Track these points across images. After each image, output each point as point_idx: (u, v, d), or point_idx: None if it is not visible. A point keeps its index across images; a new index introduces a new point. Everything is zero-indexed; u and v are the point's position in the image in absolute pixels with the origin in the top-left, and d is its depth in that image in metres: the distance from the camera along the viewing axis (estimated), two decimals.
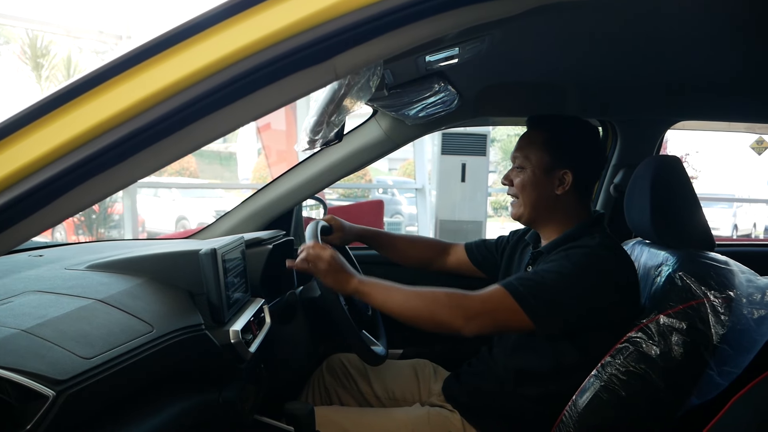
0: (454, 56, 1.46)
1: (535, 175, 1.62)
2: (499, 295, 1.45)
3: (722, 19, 1.35)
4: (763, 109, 2.28)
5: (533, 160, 1.62)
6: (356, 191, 13.34)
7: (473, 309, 1.44)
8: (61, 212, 0.72)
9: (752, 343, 1.40)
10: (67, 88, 0.70)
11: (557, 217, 1.64)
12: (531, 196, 1.63)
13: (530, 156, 1.63)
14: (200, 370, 1.30)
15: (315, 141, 1.12)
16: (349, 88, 0.94)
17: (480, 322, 1.44)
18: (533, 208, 1.64)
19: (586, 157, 1.64)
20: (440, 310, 1.45)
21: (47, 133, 0.70)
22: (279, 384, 1.78)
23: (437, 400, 1.73)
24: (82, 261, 1.40)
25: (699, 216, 1.61)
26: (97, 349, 0.96)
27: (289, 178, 2.16)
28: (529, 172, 1.62)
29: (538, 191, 1.62)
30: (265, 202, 2.16)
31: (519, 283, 1.46)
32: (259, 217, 2.16)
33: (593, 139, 1.69)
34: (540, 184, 1.62)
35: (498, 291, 1.45)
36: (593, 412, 1.43)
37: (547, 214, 1.64)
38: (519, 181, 1.64)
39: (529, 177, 1.62)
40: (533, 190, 1.62)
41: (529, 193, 1.63)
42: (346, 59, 0.73)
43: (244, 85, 0.70)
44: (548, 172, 1.61)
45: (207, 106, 0.70)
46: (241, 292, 1.52)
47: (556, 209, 1.63)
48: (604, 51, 1.62)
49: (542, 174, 1.61)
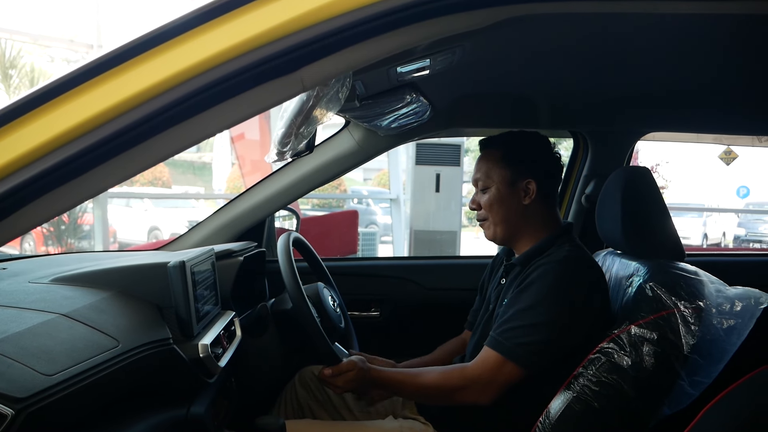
0: (425, 67, 1.46)
1: (500, 191, 1.64)
2: (492, 359, 1.49)
3: (691, 33, 1.36)
4: (729, 121, 2.33)
5: (495, 178, 1.64)
6: (331, 201, 13.29)
7: (478, 381, 1.50)
8: (27, 221, 0.70)
9: (722, 352, 1.41)
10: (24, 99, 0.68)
11: (529, 228, 1.65)
12: (500, 212, 1.65)
13: (491, 175, 1.65)
14: (168, 386, 1.27)
15: (284, 153, 1.11)
16: (317, 100, 0.93)
17: (491, 390, 1.49)
18: (505, 224, 1.65)
19: (544, 163, 1.67)
20: (456, 395, 1.52)
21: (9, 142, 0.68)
22: (250, 398, 1.76)
23: (410, 412, 1.72)
24: (47, 274, 1.37)
25: (669, 227, 1.63)
26: (59, 365, 0.94)
27: (261, 188, 2.14)
28: (494, 190, 1.64)
29: (506, 206, 1.64)
30: (237, 212, 2.14)
31: (502, 336, 1.49)
32: (230, 228, 2.13)
33: (546, 146, 1.71)
34: (506, 198, 1.64)
35: (488, 354, 1.50)
36: (566, 423, 1.43)
37: (519, 227, 1.66)
38: (486, 201, 1.66)
39: (495, 195, 1.64)
40: (501, 206, 1.64)
41: (497, 210, 1.65)
42: (314, 71, 0.72)
43: (209, 96, 0.69)
44: (512, 185, 1.63)
45: (170, 118, 0.68)
46: (211, 305, 1.50)
47: (527, 220, 1.65)
48: (574, 63, 1.63)
49: (507, 188, 1.63)
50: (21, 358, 0.90)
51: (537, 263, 1.56)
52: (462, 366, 1.55)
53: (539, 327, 1.47)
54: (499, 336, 1.50)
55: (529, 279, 1.53)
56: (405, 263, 2.78)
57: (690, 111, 2.13)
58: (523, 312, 1.49)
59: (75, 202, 0.70)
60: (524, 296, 1.51)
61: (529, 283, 1.52)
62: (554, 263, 1.52)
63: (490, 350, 1.50)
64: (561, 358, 1.47)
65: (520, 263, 1.63)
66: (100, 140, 0.66)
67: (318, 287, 1.84)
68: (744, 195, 16.69)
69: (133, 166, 0.69)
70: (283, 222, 2.52)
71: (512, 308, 1.52)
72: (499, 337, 1.50)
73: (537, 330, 1.47)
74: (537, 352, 1.46)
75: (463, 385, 1.51)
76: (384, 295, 2.35)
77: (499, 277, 1.76)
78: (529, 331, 1.47)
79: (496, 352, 1.48)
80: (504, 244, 1.73)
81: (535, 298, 1.49)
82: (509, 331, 1.49)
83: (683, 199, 15.90)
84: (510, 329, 1.49)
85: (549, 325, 1.47)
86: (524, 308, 1.49)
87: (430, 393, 1.55)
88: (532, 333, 1.47)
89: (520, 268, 1.62)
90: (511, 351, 1.47)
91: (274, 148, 1.12)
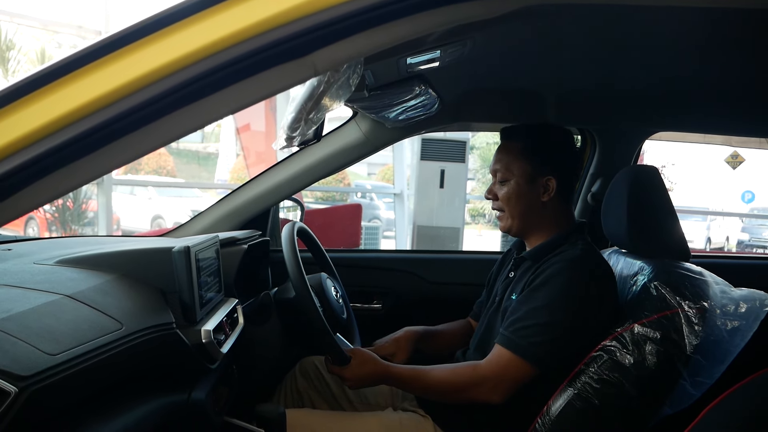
0: (435, 59, 1.45)
1: (519, 186, 1.62)
2: (505, 357, 1.49)
3: (704, 33, 1.36)
4: (741, 123, 2.31)
5: (516, 172, 1.62)
6: (334, 195, 13.31)
7: (490, 379, 1.49)
8: (30, 201, 0.69)
9: (725, 354, 1.41)
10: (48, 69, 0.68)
11: (544, 223, 1.65)
12: (517, 207, 1.63)
13: (511, 167, 1.63)
14: (170, 370, 1.27)
15: (293, 138, 1.10)
16: (328, 86, 0.92)
17: (502, 387, 1.49)
18: (521, 218, 1.64)
19: (566, 161, 1.66)
20: (466, 393, 1.52)
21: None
22: (250, 386, 1.76)
23: (410, 405, 1.71)
24: (52, 256, 1.37)
25: (675, 227, 1.63)
26: (63, 345, 0.94)
27: (266, 178, 2.14)
28: (513, 184, 1.63)
29: (525, 201, 1.63)
30: (241, 201, 2.13)
31: (515, 335, 1.48)
32: (234, 216, 2.13)
33: (570, 142, 1.71)
34: (525, 194, 1.63)
35: (501, 353, 1.50)
36: (566, 420, 1.43)
37: (534, 222, 1.65)
38: (504, 194, 1.65)
39: (514, 189, 1.63)
40: (519, 202, 1.63)
41: (515, 205, 1.63)
42: (326, 55, 0.71)
43: (221, 78, 0.68)
44: (532, 181, 1.62)
45: (181, 98, 0.68)
46: (214, 292, 1.50)
47: (542, 216, 1.65)
48: (586, 59, 1.62)
49: (526, 184, 1.62)
50: (25, 336, 0.90)
51: (550, 260, 1.56)
52: (474, 364, 1.55)
53: (554, 326, 1.46)
54: (512, 334, 1.49)
55: (542, 277, 1.52)
56: (408, 256, 2.77)
57: (700, 111, 2.12)
58: (537, 311, 1.48)
59: (89, 178, 0.69)
60: (538, 295, 1.51)
61: (543, 281, 1.51)
62: (568, 262, 1.52)
63: (503, 348, 1.49)
64: (571, 357, 1.47)
65: (531, 257, 1.63)
66: (110, 119, 0.66)
67: (321, 278, 1.84)
68: (749, 200, 16.66)
69: (143, 145, 0.68)
70: (287, 213, 2.52)
71: (525, 306, 1.51)
72: (512, 336, 1.49)
73: (551, 329, 1.46)
74: (551, 351, 1.46)
75: (475, 383, 1.50)
76: (387, 287, 2.34)
77: (508, 270, 1.76)
78: (543, 330, 1.46)
79: (509, 350, 1.48)
80: (517, 236, 1.72)
81: (550, 297, 1.48)
82: (522, 330, 1.48)
83: (688, 202, 15.90)
84: (523, 327, 1.48)
85: (563, 324, 1.47)
86: (538, 307, 1.49)
87: (440, 390, 1.55)
88: (546, 332, 1.46)
89: (531, 263, 1.62)
90: (525, 350, 1.46)
91: (283, 133, 1.12)
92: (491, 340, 1.57)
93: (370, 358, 1.58)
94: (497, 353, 1.51)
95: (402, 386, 1.60)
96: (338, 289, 1.93)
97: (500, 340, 1.52)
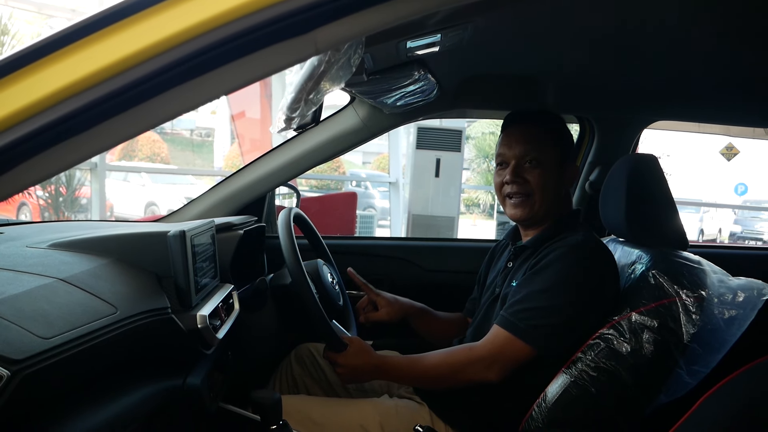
0: (435, 43, 1.43)
1: (553, 170, 1.61)
2: (502, 337, 1.48)
3: (705, 23, 1.35)
4: (739, 113, 2.31)
5: (550, 155, 1.61)
6: (329, 183, 13.28)
7: (486, 358, 1.48)
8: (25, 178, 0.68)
9: (722, 343, 1.41)
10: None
11: (555, 210, 1.65)
12: (550, 193, 1.61)
13: (545, 150, 1.60)
14: (165, 355, 1.26)
15: (292, 119, 1.09)
16: (329, 66, 0.90)
17: (498, 366, 1.48)
18: (549, 205, 1.62)
19: (575, 150, 1.66)
20: (463, 373, 1.50)
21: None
22: (246, 372, 1.75)
23: (406, 392, 1.71)
24: (45, 239, 1.35)
25: (673, 216, 1.62)
26: (56, 329, 0.92)
27: (262, 163, 2.12)
28: (547, 169, 1.60)
29: (555, 186, 1.62)
30: (236, 187, 2.12)
31: (515, 317, 1.47)
32: (230, 202, 2.11)
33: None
34: (557, 181, 1.62)
35: (498, 333, 1.49)
36: (562, 408, 1.43)
37: (552, 209, 1.64)
38: (538, 179, 1.59)
39: (548, 173, 1.60)
40: (553, 187, 1.61)
41: (549, 191, 1.61)
42: (328, 33, 0.69)
43: (220, 54, 0.66)
44: (560, 166, 1.62)
45: (180, 74, 0.66)
46: (209, 277, 1.48)
47: (559, 203, 1.65)
48: (587, 47, 1.61)
49: (557, 169, 1.62)
50: (18, 320, 0.88)
51: (550, 246, 1.55)
52: (469, 345, 1.55)
53: (555, 310, 1.46)
54: (511, 316, 1.48)
55: (543, 261, 1.51)
56: (405, 244, 2.77)
57: (700, 100, 2.11)
58: (539, 294, 1.48)
59: (89, 154, 0.67)
60: (539, 279, 1.50)
61: (544, 266, 1.50)
62: (570, 247, 1.51)
63: (501, 329, 1.49)
64: (570, 343, 1.47)
65: (532, 245, 1.62)
66: (108, 93, 0.64)
67: (317, 264, 1.83)
68: (742, 192, 16.74)
69: (143, 121, 0.66)
70: (282, 200, 2.50)
71: (525, 289, 1.51)
72: (511, 318, 1.48)
73: (552, 312, 1.45)
74: (551, 334, 1.45)
75: (471, 362, 1.50)
76: (383, 275, 2.34)
77: (505, 261, 1.74)
78: (544, 313, 1.46)
79: (508, 331, 1.47)
80: (533, 224, 1.67)
81: (552, 281, 1.48)
82: (522, 312, 1.47)
83: (681, 193, 15.95)
84: (523, 310, 1.47)
85: (565, 308, 1.46)
86: (539, 290, 1.48)
87: (436, 374, 1.53)
88: (547, 315, 1.45)
89: (532, 251, 1.61)
90: (524, 332, 1.45)
91: (282, 115, 1.10)
92: (488, 329, 1.57)
93: (367, 349, 1.57)
94: (494, 333, 1.50)
95: (398, 376, 1.59)
96: (334, 275, 1.92)
97: (499, 321, 1.51)
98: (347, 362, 1.56)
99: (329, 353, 1.58)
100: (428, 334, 1.94)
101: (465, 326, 1.91)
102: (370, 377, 1.61)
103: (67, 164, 0.68)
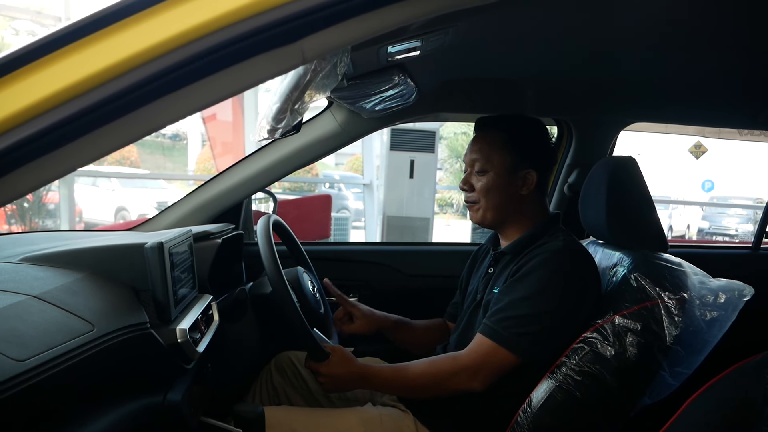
0: (416, 48, 1.42)
1: (499, 177, 1.60)
2: (485, 346, 1.47)
3: (682, 26, 1.36)
4: (713, 114, 2.34)
5: (495, 162, 1.60)
6: (302, 185, 13.20)
7: (471, 367, 1.48)
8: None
9: (703, 344, 1.42)
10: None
11: (520, 217, 1.63)
12: (496, 199, 1.61)
13: (492, 158, 1.60)
14: (144, 372, 1.22)
15: (276, 130, 1.06)
16: (315, 74, 0.88)
17: (482, 375, 1.47)
18: (498, 211, 1.62)
19: (544, 154, 1.65)
20: (448, 383, 1.50)
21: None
22: (226, 383, 1.71)
23: (389, 400, 1.69)
24: (15, 253, 1.30)
25: (653, 217, 1.63)
26: (31, 350, 0.88)
27: (238, 169, 2.09)
28: (493, 175, 1.60)
29: (503, 194, 1.61)
30: (213, 194, 2.08)
31: (498, 326, 1.47)
32: (206, 209, 2.07)
33: (547, 137, 1.69)
34: (505, 186, 1.60)
35: (482, 342, 1.48)
36: (548, 413, 1.42)
37: (510, 215, 1.63)
38: (482, 185, 1.61)
39: (493, 180, 1.60)
40: (498, 193, 1.61)
41: (493, 197, 1.61)
42: (315, 42, 0.67)
43: (206, 64, 0.64)
44: (512, 173, 1.60)
45: (165, 85, 0.63)
46: (188, 288, 1.44)
47: (519, 209, 1.63)
48: (565, 50, 1.62)
49: (506, 175, 1.60)
50: None
51: (531, 252, 1.54)
52: (454, 354, 1.54)
53: (538, 317, 1.45)
54: (495, 325, 1.47)
55: (525, 268, 1.51)
56: (385, 249, 2.74)
57: (675, 102, 2.13)
58: (521, 302, 1.47)
59: (70, 168, 0.64)
60: (520, 286, 1.49)
61: (526, 273, 1.50)
62: (551, 253, 1.50)
63: (484, 338, 1.48)
64: (554, 349, 1.46)
65: (511, 251, 1.61)
66: (91, 105, 0.61)
67: (297, 272, 1.81)
68: (709, 189, 17.06)
69: (126, 133, 0.63)
70: (259, 205, 2.47)
71: (507, 297, 1.50)
72: (494, 326, 1.47)
73: (535, 320, 1.45)
74: (535, 341, 1.45)
75: (455, 372, 1.48)
76: (363, 280, 2.32)
77: (486, 267, 1.74)
78: (527, 320, 1.45)
79: (491, 340, 1.46)
80: (490, 228, 1.70)
81: (534, 289, 1.47)
82: (505, 321, 1.46)
83: (651, 191, 16.17)
84: (506, 318, 1.47)
85: (548, 315, 1.45)
86: (521, 298, 1.47)
87: (421, 383, 1.52)
88: (530, 323, 1.45)
89: (511, 257, 1.60)
90: (508, 340, 1.45)
91: (266, 124, 1.07)
92: (472, 336, 1.55)
93: (349, 358, 1.55)
94: (478, 342, 1.49)
95: (381, 385, 1.56)
96: (315, 283, 1.89)
97: (482, 329, 1.50)
98: (330, 372, 1.53)
99: (311, 363, 1.55)
100: (406, 345, 1.92)
101: (446, 331, 1.90)
102: (353, 386, 1.59)
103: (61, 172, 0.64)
